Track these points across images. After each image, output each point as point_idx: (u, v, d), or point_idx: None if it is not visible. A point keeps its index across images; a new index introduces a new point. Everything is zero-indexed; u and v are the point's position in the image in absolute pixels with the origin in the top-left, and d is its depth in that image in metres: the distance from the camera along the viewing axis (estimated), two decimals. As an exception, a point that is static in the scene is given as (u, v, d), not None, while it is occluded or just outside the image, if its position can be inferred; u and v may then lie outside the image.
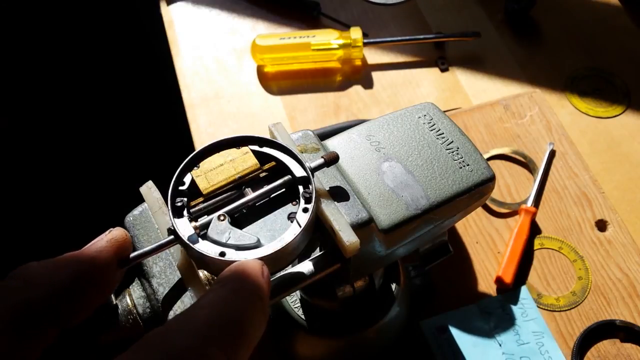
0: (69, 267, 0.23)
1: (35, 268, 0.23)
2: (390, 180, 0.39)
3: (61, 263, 0.23)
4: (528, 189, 0.66)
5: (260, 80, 0.79)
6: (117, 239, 0.26)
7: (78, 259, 0.24)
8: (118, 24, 1.38)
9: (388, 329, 0.50)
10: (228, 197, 0.35)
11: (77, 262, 0.24)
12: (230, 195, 0.35)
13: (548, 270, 0.61)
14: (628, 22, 0.82)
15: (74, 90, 1.37)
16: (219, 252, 0.31)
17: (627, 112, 0.73)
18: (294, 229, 0.33)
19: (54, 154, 1.33)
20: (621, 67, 0.77)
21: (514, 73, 0.78)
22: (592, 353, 0.56)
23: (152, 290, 0.35)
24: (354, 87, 0.78)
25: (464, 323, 0.57)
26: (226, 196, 0.35)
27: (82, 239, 0.26)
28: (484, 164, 0.41)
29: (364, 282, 0.45)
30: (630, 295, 0.58)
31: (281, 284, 0.37)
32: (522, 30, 0.82)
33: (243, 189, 0.35)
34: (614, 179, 0.67)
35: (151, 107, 1.34)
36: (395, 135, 0.42)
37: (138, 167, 1.11)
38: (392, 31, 0.82)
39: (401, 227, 0.38)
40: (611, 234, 0.62)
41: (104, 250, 0.25)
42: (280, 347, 0.54)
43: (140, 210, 0.38)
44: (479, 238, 0.63)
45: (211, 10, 0.86)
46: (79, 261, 0.24)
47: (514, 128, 0.70)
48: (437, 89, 0.77)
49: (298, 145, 0.40)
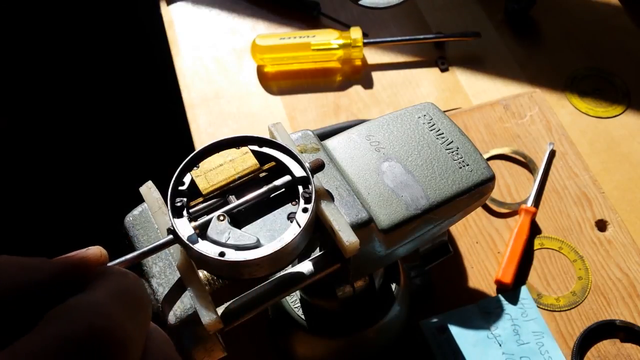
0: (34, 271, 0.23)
1: (5, 261, 0.23)
2: (390, 180, 0.39)
3: (29, 265, 0.23)
4: (528, 189, 0.66)
5: (260, 80, 0.79)
6: (90, 258, 0.26)
7: (45, 265, 0.24)
8: (118, 24, 1.38)
9: (388, 329, 0.50)
10: (227, 197, 0.35)
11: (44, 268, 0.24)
12: (229, 196, 0.35)
13: (548, 270, 0.61)
14: (628, 22, 0.82)
15: (74, 90, 1.37)
16: (219, 252, 0.31)
17: (627, 112, 0.73)
18: (294, 229, 0.33)
19: (54, 154, 1.33)
20: (621, 67, 0.77)
21: (514, 73, 0.78)
22: (592, 353, 0.56)
23: (152, 290, 0.35)
24: (354, 87, 0.78)
25: (464, 323, 0.57)
26: (225, 196, 0.35)
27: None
28: (484, 164, 0.41)
29: (364, 282, 0.45)
30: (630, 295, 0.58)
31: (281, 284, 0.37)
32: (522, 30, 0.82)
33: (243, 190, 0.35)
34: (614, 179, 0.67)
35: (151, 107, 1.34)
36: (395, 135, 0.42)
37: (138, 167, 1.11)
38: (392, 31, 0.82)
39: (401, 227, 0.38)
40: (611, 234, 0.62)
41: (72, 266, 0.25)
42: (280, 347, 0.54)
43: (140, 210, 0.38)
44: (479, 238, 0.63)
45: (211, 10, 0.86)
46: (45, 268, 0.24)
47: (514, 128, 0.70)
48: (437, 89, 0.77)
49: (298, 145, 0.40)
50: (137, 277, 0.25)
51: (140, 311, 0.23)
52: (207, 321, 0.32)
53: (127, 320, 0.21)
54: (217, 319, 0.32)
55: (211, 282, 0.36)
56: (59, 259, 0.25)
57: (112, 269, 0.24)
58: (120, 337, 0.20)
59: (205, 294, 0.33)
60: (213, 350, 0.35)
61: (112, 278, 0.23)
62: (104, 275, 0.24)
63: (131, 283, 0.24)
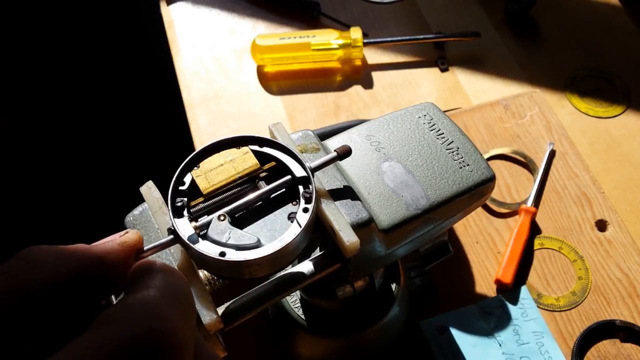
0: (74, 260, 0.23)
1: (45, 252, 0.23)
2: (390, 180, 0.39)
3: (68, 254, 0.23)
4: (528, 189, 0.66)
5: (260, 80, 0.79)
6: (129, 243, 0.25)
7: (86, 254, 0.23)
8: (118, 23, 1.38)
9: (388, 329, 0.50)
10: (228, 197, 0.35)
11: (84, 257, 0.23)
12: (230, 195, 0.35)
13: (548, 270, 0.61)
14: (628, 22, 0.82)
15: (74, 90, 1.37)
16: (219, 252, 0.31)
17: (627, 112, 0.73)
18: (294, 229, 0.33)
19: (54, 154, 1.33)
20: (621, 67, 0.77)
21: (514, 73, 0.78)
22: (592, 353, 0.56)
23: (152, 290, 0.35)
24: (354, 87, 0.78)
25: (464, 323, 0.57)
26: (226, 196, 0.35)
27: (82, 239, 0.26)
28: (484, 164, 0.41)
29: (364, 282, 0.45)
30: (630, 295, 0.58)
31: (281, 284, 0.37)
32: (522, 30, 0.82)
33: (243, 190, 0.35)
34: (614, 179, 0.67)
35: (151, 107, 1.34)
36: (395, 135, 0.42)
37: (138, 167, 1.11)
38: (392, 31, 0.82)
39: (401, 227, 0.38)
40: (611, 234, 0.62)
41: (113, 252, 0.24)
42: (280, 347, 0.54)
43: (140, 210, 0.38)
44: (479, 238, 0.63)
45: (211, 10, 0.86)
46: (86, 256, 0.23)
47: (514, 128, 0.70)
48: (437, 89, 0.77)
49: (298, 145, 0.40)
50: (183, 275, 0.24)
51: (191, 312, 0.23)
52: (207, 321, 0.32)
53: (183, 322, 0.21)
54: (217, 319, 0.32)
55: (211, 282, 0.36)
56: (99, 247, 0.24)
57: (158, 265, 0.24)
58: (178, 340, 0.20)
59: (205, 294, 0.33)
60: (213, 350, 0.35)
61: (161, 276, 0.23)
62: (151, 273, 0.23)
63: (180, 281, 0.23)
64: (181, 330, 0.20)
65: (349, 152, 0.36)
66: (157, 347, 0.19)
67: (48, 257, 0.22)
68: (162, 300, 0.21)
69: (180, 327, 0.20)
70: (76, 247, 0.23)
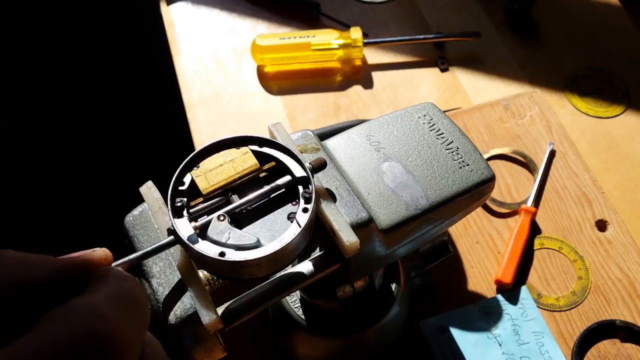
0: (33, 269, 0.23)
1: (9, 256, 0.23)
2: (390, 180, 0.39)
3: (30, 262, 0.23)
4: (528, 189, 0.66)
5: (260, 80, 0.79)
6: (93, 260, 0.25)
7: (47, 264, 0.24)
8: (118, 23, 1.38)
9: (388, 329, 0.50)
10: (228, 197, 0.35)
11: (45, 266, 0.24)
12: (230, 195, 0.35)
13: (548, 270, 0.61)
14: (628, 22, 0.82)
15: (73, 90, 1.37)
16: (219, 252, 0.31)
17: (627, 112, 0.73)
18: (294, 229, 0.33)
19: (54, 154, 1.33)
20: (621, 67, 0.77)
21: (514, 73, 0.78)
22: (592, 353, 0.56)
23: (152, 291, 0.35)
24: (354, 87, 0.78)
25: (464, 323, 0.57)
26: (226, 196, 0.35)
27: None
28: (484, 164, 0.41)
29: (364, 282, 0.45)
30: (630, 295, 0.58)
31: (281, 284, 0.37)
32: (522, 30, 0.82)
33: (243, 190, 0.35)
34: (614, 179, 0.67)
35: (151, 107, 1.34)
36: (395, 135, 0.42)
37: (138, 167, 1.11)
38: (392, 31, 0.82)
39: (401, 227, 0.38)
40: (611, 234, 0.62)
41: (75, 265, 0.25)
42: (280, 347, 0.54)
43: (140, 210, 0.38)
44: (479, 238, 0.63)
45: (211, 10, 0.86)
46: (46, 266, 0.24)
47: (514, 128, 0.70)
48: (437, 89, 0.77)
49: (298, 146, 0.40)
50: (137, 281, 0.25)
51: (139, 316, 0.23)
52: (207, 321, 0.32)
53: (125, 325, 0.21)
54: (217, 319, 0.32)
55: (211, 282, 0.36)
56: (63, 258, 0.25)
57: (112, 271, 0.24)
58: (118, 341, 0.20)
59: (205, 294, 0.33)
60: (213, 350, 0.35)
61: (112, 281, 0.23)
62: (104, 278, 0.23)
63: (131, 287, 0.24)
64: (123, 332, 0.21)
65: (324, 165, 0.36)
66: (95, 347, 0.20)
67: (10, 262, 0.23)
68: (106, 302, 0.21)
69: (122, 328, 0.21)
70: (40, 257, 0.24)
